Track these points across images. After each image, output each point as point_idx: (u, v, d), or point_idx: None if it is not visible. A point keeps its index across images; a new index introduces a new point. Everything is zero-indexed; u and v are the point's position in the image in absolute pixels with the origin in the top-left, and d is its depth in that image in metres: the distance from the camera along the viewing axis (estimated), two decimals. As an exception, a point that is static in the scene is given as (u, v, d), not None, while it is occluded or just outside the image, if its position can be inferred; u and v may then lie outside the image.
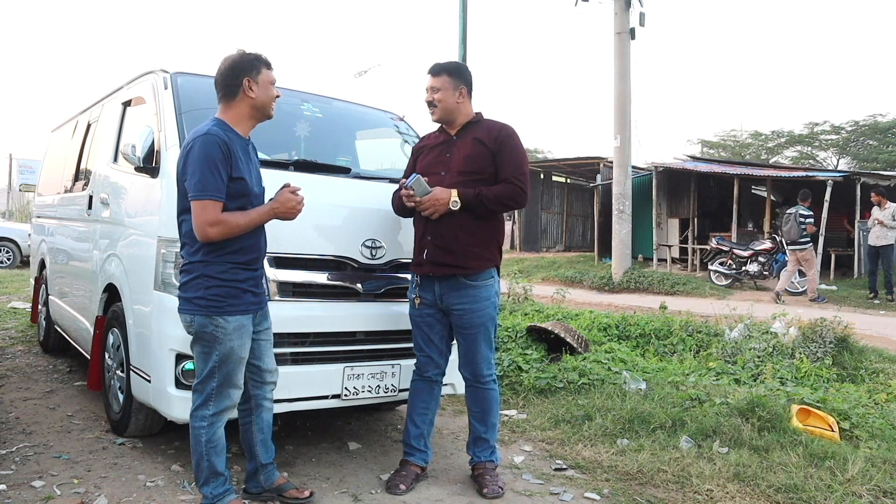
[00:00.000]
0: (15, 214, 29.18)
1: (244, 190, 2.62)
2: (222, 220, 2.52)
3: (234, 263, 2.61)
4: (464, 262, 3.03)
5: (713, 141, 32.63)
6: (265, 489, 2.91)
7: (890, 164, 25.43)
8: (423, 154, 3.24)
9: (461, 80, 3.13)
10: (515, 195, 3.03)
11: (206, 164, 2.51)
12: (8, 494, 2.86)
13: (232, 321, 2.60)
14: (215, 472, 2.68)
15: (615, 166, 13.67)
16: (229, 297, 2.59)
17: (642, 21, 13.18)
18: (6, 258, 14.70)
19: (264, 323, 2.81)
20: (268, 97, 2.71)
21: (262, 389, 2.85)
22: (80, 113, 5.47)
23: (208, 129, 2.59)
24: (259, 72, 2.68)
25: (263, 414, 2.87)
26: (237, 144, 2.63)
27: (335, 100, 4.18)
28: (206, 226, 2.51)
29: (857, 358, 5.98)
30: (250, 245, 2.66)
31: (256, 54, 2.71)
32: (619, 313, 7.76)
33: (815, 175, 14.48)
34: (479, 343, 3.10)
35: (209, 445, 2.65)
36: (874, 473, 3.29)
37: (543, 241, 21.79)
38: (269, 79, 2.72)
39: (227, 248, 2.59)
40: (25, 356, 5.65)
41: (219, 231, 2.52)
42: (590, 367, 5.00)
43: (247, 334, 2.66)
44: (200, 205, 2.51)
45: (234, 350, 2.62)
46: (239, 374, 2.67)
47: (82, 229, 4.49)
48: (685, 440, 3.73)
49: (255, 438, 2.87)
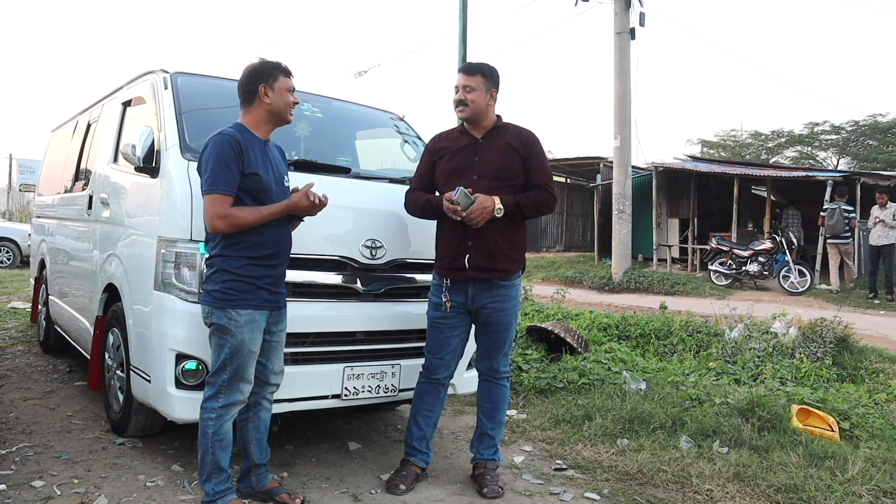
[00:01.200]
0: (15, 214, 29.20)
1: (260, 185, 2.69)
2: (230, 214, 2.61)
3: (249, 259, 2.68)
4: (503, 266, 3.13)
5: (713, 141, 32.61)
6: (256, 490, 2.91)
7: (890, 164, 25.43)
8: (447, 156, 3.20)
9: (493, 82, 3.15)
10: (549, 202, 3.16)
11: (217, 161, 2.62)
12: (8, 494, 2.86)
13: (244, 314, 2.67)
14: (218, 468, 2.70)
15: (615, 166, 13.67)
16: (243, 292, 2.67)
17: (642, 21, 13.18)
18: (6, 258, 14.70)
19: (280, 324, 2.85)
20: (283, 103, 2.78)
21: (264, 389, 2.87)
22: (80, 113, 5.47)
23: (223, 130, 2.70)
24: (276, 79, 2.77)
25: (262, 413, 2.89)
26: (253, 145, 2.72)
27: (335, 100, 4.18)
28: (214, 218, 2.62)
29: (857, 358, 5.99)
30: (265, 241, 2.71)
31: (276, 62, 2.81)
32: (619, 313, 7.76)
33: (815, 175, 14.48)
34: (502, 339, 3.19)
35: (215, 438, 2.68)
36: (874, 473, 3.29)
37: (543, 241, 21.79)
38: (286, 86, 2.80)
39: (243, 244, 2.68)
40: (25, 356, 5.65)
41: (226, 224, 2.62)
42: (590, 367, 5.00)
43: (258, 329, 2.71)
44: (210, 199, 2.62)
45: (245, 343, 2.67)
46: (249, 369, 2.72)
47: (82, 229, 4.49)
48: (685, 440, 3.73)
49: (250, 436, 2.88)
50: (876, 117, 27.41)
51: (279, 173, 2.83)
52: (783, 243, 12.59)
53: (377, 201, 3.41)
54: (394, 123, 4.41)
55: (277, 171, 2.82)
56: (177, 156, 3.13)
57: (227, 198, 2.62)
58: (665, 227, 16.87)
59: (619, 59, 13.39)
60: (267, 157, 2.78)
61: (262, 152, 2.76)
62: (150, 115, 3.53)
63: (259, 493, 2.90)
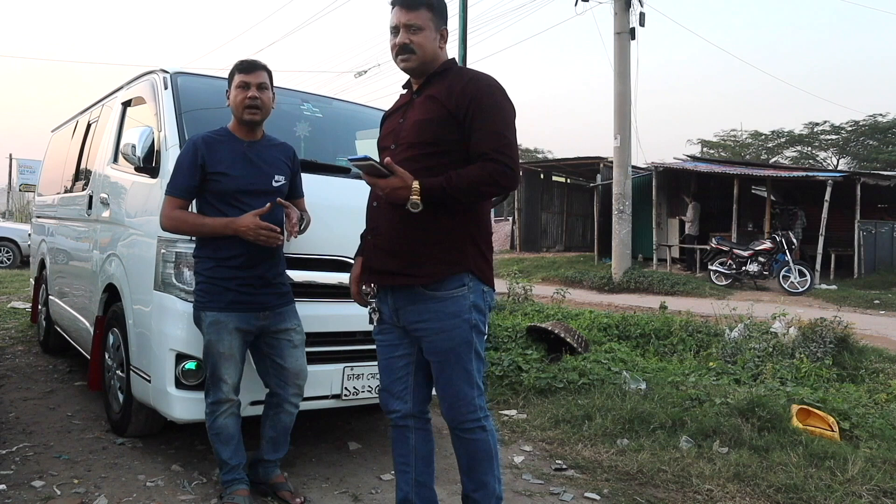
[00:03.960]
0: (15, 214, 29.19)
1: (229, 184, 2.72)
2: (175, 216, 2.75)
3: (215, 260, 2.74)
4: (412, 269, 2.23)
5: (713, 141, 32.65)
6: (261, 480, 2.96)
7: (890, 164, 25.45)
8: (385, 123, 2.50)
9: (442, 18, 2.36)
10: (497, 176, 2.14)
11: (176, 165, 2.78)
12: (8, 494, 2.86)
13: (209, 316, 2.74)
14: (221, 460, 2.81)
15: (615, 166, 13.68)
16: (209, 294, 2.75)
17: (642, 21, 13.20)
18: (6, 258, 14.70)
19: (283, 324, 2.87)
20: (234, 102, 2.79)
21: (285, 390, 2.90)
22: (80, 113, 5.47)
23: (197, 134, 2.80)
24: (233, 78, 2.80)
25: (282, 415, 2.93)
26: (225, 145, 2.77)
27: (335, 100, 4.18)
28: (162, 216, 2.78)
29: (857, 358, 5.98)
30: (227, 243, 2.72)
31: (237, 62, 2.83)
32: (619, 313, 7.76)
33: (815, 175, 14.49)
34: (451, 376, 2.27)
35: (212, 432, 2.79)
36: (874, 473, 3.29)
37: (543, 241, 21.79)
38: (238, 81, 2.77)
39: (208, 246, 2.76)
40: (25, 356, 5.65)
41: (171, 224, 2.77)
42: (590, 367, 5.00)
43: (225, 331, 2.73)
44: (166, 199, 2.78)
45: (212, 344, 2.73)
46: (222, 369, 2.74)
47: (82, 229, 4.49)
48: (685, 440, 3.73)
49: (265, 433, 2.95)
50: (876, 117, 27.45)
51: (264, 173, 2.80)
52: (783, 243, 12.59)
53: None
54: (394, 123, 4.40)
55: (262, 171, 2.80)
56: (177, 156, 3.13)
57: (175, 200, 2.75)
58: (665, 227, 16.89)
59: (619, 60, 13.40)
60: (245, 156, 2.77)
61: (237, 152, 2.77)
62: (150, 115, 3.53)
63: (263, 485, 2.95)
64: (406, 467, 2.45)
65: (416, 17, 2.28)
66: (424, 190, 2.13)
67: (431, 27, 2.30)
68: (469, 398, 2.29)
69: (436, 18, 2.32)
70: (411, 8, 2.28)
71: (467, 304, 2.25)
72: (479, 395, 2.30)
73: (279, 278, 2.88)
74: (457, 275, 2.24)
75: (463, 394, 2.28)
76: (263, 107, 2.79)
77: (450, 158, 2.20)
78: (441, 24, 2.35)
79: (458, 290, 2.24)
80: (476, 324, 2.27)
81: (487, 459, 2.33)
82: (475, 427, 2.32)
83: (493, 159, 2.15)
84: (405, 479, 2.45)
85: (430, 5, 2.30)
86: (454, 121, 2.20)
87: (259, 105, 2.76)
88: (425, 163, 2.20)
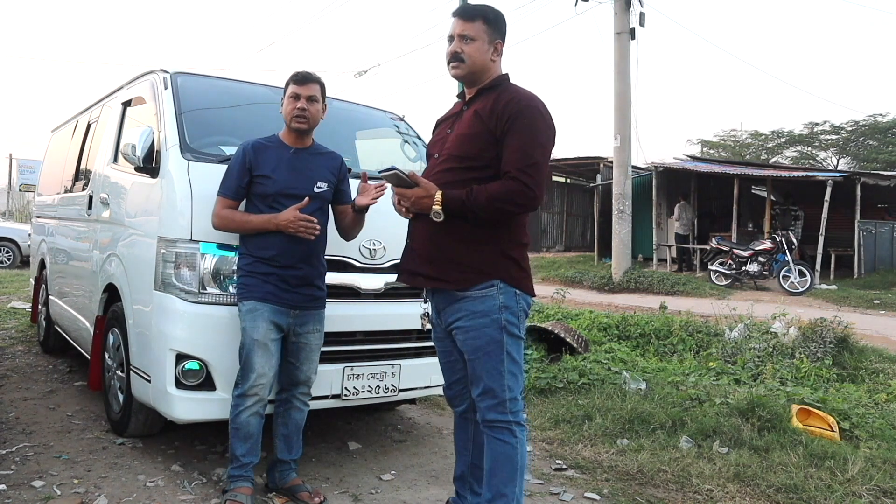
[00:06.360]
0: (15, 214, 29.20)
1: (271, 187, 2.86)
2: (223, 214, 2.88)
3: (255, 258, 2.86)
4: (444, 274, 2.36)
5: (713, 141, 32.63)
6: (279, 486, 3.00)
7: (890, 164, 25.45)
8: (436, 129, 2.62)
9: (498, 32, 2.43)
10: (514, 195, 2.23)
11: (227, 168, 2.92)
12: (8, 494, 2.86)
13: (247, 304, 2.83)
14: (234, 455, 2.84)
15: (615, 166, 13.67)
16: (248, 286, 2.86)
17: (642, 21, 13.19)
18: (6, 258, 14.70)
19: (307, 325, 2.94)
20: (285, 111, 2.95)
21: (294, 389, 2.99)
22: (80, 113, 5.47)
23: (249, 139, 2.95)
24: (287, 87, 2.96)
25: (293, 412, 3.01)
26: (273, 150, 2.92)
27: (335, 100, 4.16)
28: (213, 215, 2.91)
29: (857, 358, 5.99)
30: (267, 244, 2.85)
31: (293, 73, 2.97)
32: (619, 313, 7.76)
33: (815, 175, 14.48)
34: (481, 374, 2.33)
35: (232, 426, 2.83)
36: (874, 473, 3.29)
37: (543, 241, 21.78)
38: (291, 92, 2.92)
39: (250, 244, 2.89)
40: (25, 356, 5.65)
41: (218, 222, 2.89)
42: (590, 367, 5.00)
43: (261, 318, 2.80)
44: (217, 199, 2.91)
45: (247, 331, 2.80)
46: (256, 358, 2.79)
47: (82, 229, 4.49)
48: (685, 440, 3.73)
49: (277, 431, 3.01)
50: (876, 117, 27.43)
51: (307, 178, 2.92)
52: (783, 243, 12.59)
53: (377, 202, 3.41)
54: (394, 123, 4.40)
55: (305, 176, 2.92)
56: (177, 156, 3.13)
57: (225, 200, 2.88)
58: (665, 227, 16.88)
59: (619, 59, 13.39)
60: (289, 162, 2.91)
61: (282, 157, 2.91)
62: (150, 115, 3.53)
63: (282, 490, 2.98)
64: (465, 451, 2.64)
65: (471, 27, 2.38)
66: (446, 200, 2.27)
67: (485, 39, 2.40)
68: (499, 397, 2.33)
69: (490, 31, 2.41)
70: (468, 19, 2.39)
71: (497, 304, 2.33)
72: (510, 397, 2.34)
73: (317, 280, 2.97)
74: (481, 282, 2.33)
75: (492, 392, 2.33)
76: (311, 118, 2.93)
77: (488, 174, 2.29)
78: (496, 38, 2.42)
79: (487, 291, 2.33)
80: (506, 325, 2.33)
81: (510, 468, 2.32)
82: (502, 427, 2.34)
83: (515, 178, 2.23)
84: (463, 460, 2.66)
85: (486, 18, 2.40)
86: (492, 137, 2.29)
87: (307, 116, 2.92)
88: (463, 175, 2.32)
